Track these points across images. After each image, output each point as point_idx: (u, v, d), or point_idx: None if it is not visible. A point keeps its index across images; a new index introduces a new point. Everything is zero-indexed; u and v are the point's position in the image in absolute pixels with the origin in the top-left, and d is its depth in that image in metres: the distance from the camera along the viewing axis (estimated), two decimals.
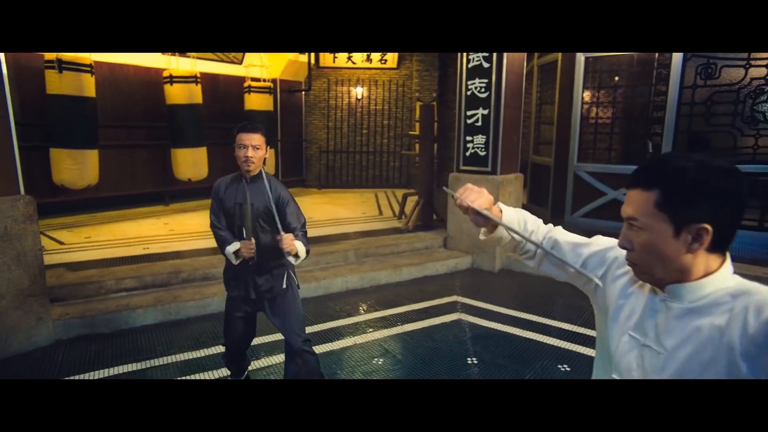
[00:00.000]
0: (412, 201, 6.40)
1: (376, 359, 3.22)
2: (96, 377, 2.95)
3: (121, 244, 5.08)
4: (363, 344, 3.45)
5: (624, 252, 0.96)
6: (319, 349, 3.24)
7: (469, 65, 5.04)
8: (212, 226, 2.42)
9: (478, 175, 5.17)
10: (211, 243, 5.09)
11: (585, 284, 1.14)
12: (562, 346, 3.38)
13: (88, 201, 6.58)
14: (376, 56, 9.85)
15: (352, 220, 6.63)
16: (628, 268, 1.00)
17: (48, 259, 3.98)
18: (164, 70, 6.73)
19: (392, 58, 9.91)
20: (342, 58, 9.78)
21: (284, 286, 2.42)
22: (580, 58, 6.13)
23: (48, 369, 3.03)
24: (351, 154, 10.31)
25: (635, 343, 0.96)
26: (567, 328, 3.69)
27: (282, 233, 2.17)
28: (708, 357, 0.85)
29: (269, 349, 3.31)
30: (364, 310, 4.11)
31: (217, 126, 7.66)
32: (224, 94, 8.05)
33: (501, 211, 1.15)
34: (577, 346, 3.39)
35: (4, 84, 3.04)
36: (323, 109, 10.08)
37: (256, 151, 2.33)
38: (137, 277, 4.03)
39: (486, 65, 4.92)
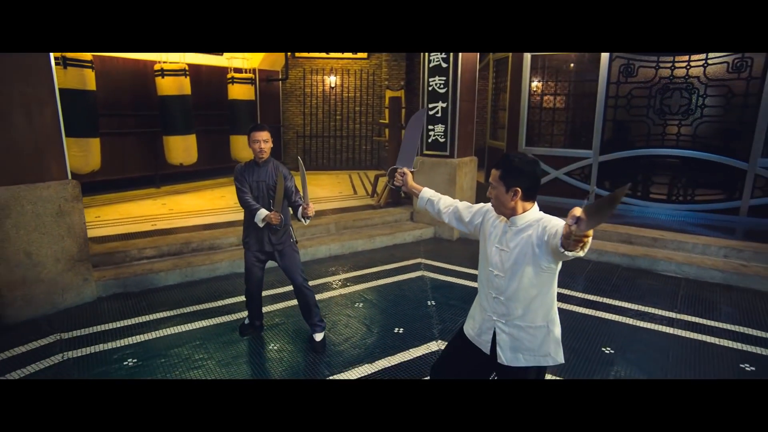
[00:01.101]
0: (382, 181, 7.31)
1: (357, 304, 4.16)
2: (135, 323, 3.77)
3: (130, 222, 5.81)
4: (346, 294, 4.38)
5: (490, 205, 1.91)
6: None
7: (430, 65, 5.93)
8: (241, 198, 3.22)
9: (438, 158, 6.12)
10: (210, 220, 5.96)
11: (474, 228, 2.07)
12: None
13: (86, 185, 7.19)
14: None
15: (330, 199, 7.50)
16: (493, 211, 1.94)
17: None
18: (155, 63, 7.34)
19: None
20: None
21: (292, 240, 3.32)
22: (527, 55, 7.10)
23: (96, 317, 3.84)
24: (326, 139, 11.10)
25: (497, 249, 1.91)
26: None
27: (308, 202, 3.04)
28: (526, 250, 1.80)
29: (277, 298, 4.19)
30: (344, 270, 5.02)
31: (201, 114, 8.33)
32: (207, 84, 8.67)
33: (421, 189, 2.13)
34: None
35: (54, 83, 3.75)
36: (299, 96, 10.79)
37: (265, 143, 3.18)
38: (155, 247, 4.82)
39: (444, 65, 5.82)
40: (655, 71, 6.25)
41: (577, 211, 1.42)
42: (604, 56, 6.49)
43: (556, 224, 1.71)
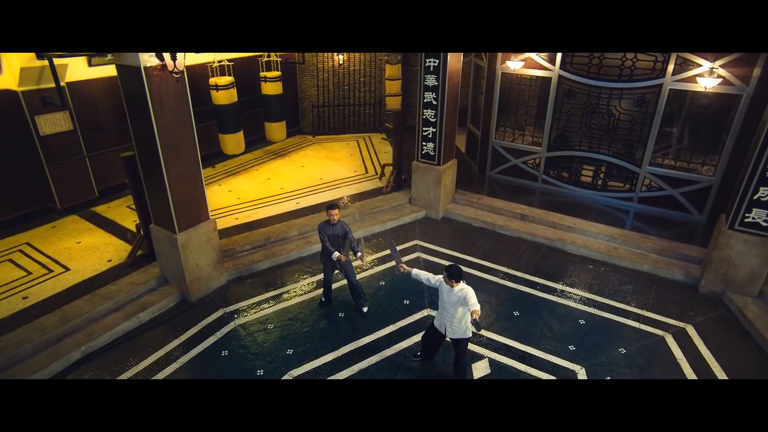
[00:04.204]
0: (389, 170, 9.89)
1: (381, 282, 7.08)
2: (261, 299, 6.67)
3: (218, 215, 8.46)
4: (373, 275, 7.28)
5: (442, 277, 4.76)
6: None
7: (424, 100, 8.23)
8: (323, 243, 5.93)
9: (429, 165, 8.68)
10: (272, 211, 8.59)
11: (436, 282, 4.92)
12: (477, 275, 7.30)
13: None
14: None
15: (349, 181, 10.11)
16: (444, 282, 4.77)
17: None
18: (209, 77, 9.40)
19: None
20: None
21: (350, 261, 6.15)
22: (498, 71, 9.30)
23: (236, 296, 6.73)
24: (336, 107, 13.27)
25: (447, 296, 4.76)
26: (471, 259, 7.62)
27: (360, 253, 5.79)
28: (458, 299, 4.66)
29: (336, 287, 7.07)
30: (369, 253, 7.86)
31: (241, 98, 10.49)
32: (242, 71, 10.63)
33: (413, 269, 5.00)
34: (476, 271, 7.32)
35: (198, 159, 6.23)
36: (313, 72, 12.74)
37: (336, 215, 5.84)
38: (249, 243, 7.60)
39: (434, 102, 8.14)
40: (587, 97, 8.61)
41: (476, 315, 4.27)
42: (554, 81, 8.75)
43: (470, 296, 4.55)
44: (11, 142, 7.68)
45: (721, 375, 5.37)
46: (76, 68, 8.13)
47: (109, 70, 8.62)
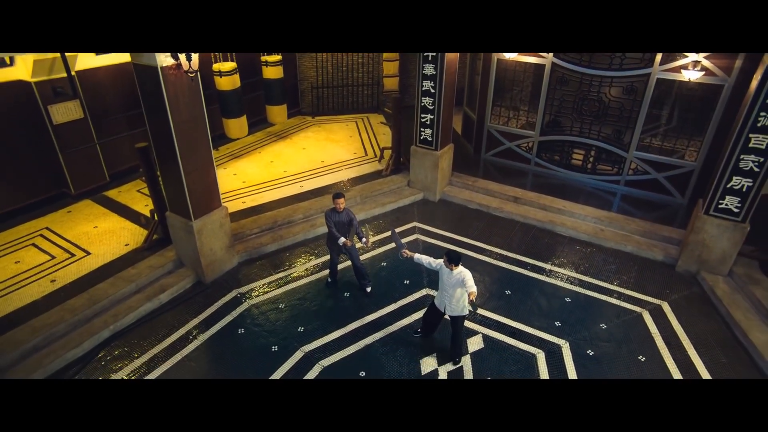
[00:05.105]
0: (387, 153, 10.27)
1: (382, 263, 7.58)
2: (271, 279, 7.18)
3: (225, 199, 8.86)
4: (375, 256, 7.78)
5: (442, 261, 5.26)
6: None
7: (423, 88, 8.55)
8: (330, 229, 6.38)
9: (426, 150, 9.07)
10: (277, 194, 9.00)
11: (437, 266, 5.42)
12: (472, 255, 7.82)
13: None
14: None
15: (349, 164, 10.50)
16: (445, 265, 5.27)
17: None
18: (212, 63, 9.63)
19: None
20: None
21: (354, 245, 6.63)
22: (494, 59, 9.59)
23: (247, 277, 7.22)
24: (335, 88, 13.50)
25: (447, 278, 5.28)
26: (467, 240, 8.12)
27: (365, 238, 6.26)
28: (457, 281, 5.18)
29: (341, 268, 7.57)
30: (371, 234, 8.34)
31: (244, 82, 10.73)
32: (245, 58, 10.85)
33: (414, 254, 5.49)
34: (471, 252, 7.84)
35: (211, 155, 6.62)
36: (312, 53, 12.90)
37: (342, 203, 6.28)
38: (257, 226, 8.05)
39: (432, 90, 8.47)
40: (579, 84, 8.96)
41: (473, 296, 4.79)
42: (548, 68, 9.07)
43: (468, 279, 5.07)
44: (27, 131, 7.98)
45: (689, 348, 5.98)
46: (84, 57, 8.37)
47: (115, 58, 8.85)
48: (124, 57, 8.84)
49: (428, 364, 5.76)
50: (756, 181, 6.27)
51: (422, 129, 8.95)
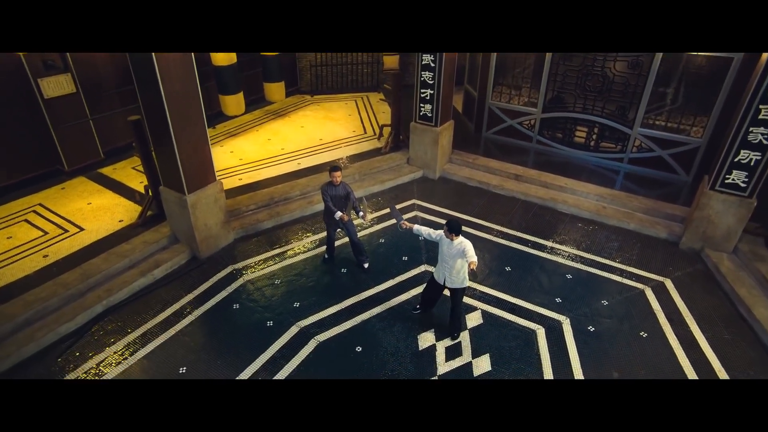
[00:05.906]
0: (387, 130, 10.08)
1: (381, 240, 7.47)
2: (268, 256, 7.07)
3: (222, 176, 8.72)
4: (373, 233, 7.66)
5: (442, 231, 5.13)
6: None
7: (422, 62, 8.34)
8: (326, 203, 6.25)
9: (426, 126, 8.88)
10: (274, 171, 8.86)
11: (437, 237, 5.29)
12: (472, 232, 7.68)
13: None
14: None
15: (348, 141, 10.32)
16: (445, 235, 5.15)
17: None
18: None
19: None
20: None
21: (351, 220, 6.50)
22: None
23: (243, 253, 7.12)
24: (334, 66, 13.24)
25: (447, 249, 5.16)
26: (467, 218, 8.00)
27: (363, 212, 6.12)
28: (458, 252, 5.05)
29: (339, 245, 7.45)
30: (370, 211, 8.20)
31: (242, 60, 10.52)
32: None
33: (414, 225, 5.34)
34: (471, 229, 7.71)
35: (206, 131, 6.45)
36: None
37: (339, 176, 6.14)
38: (254, 203, 7.91)
39: (432, 65, 8.26)
40: (582, 59, 8.73)
41: (473, 265, 4.66)
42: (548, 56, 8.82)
43: (468, 249, 4.95)
44: (18, 105, 7.81)
45: (692, 324, 5.87)
46: None
47: None
48: None
49: (426, 339, 5.66)
50: (765, 155, 6.10)
51: (422, 104, 8.76)
